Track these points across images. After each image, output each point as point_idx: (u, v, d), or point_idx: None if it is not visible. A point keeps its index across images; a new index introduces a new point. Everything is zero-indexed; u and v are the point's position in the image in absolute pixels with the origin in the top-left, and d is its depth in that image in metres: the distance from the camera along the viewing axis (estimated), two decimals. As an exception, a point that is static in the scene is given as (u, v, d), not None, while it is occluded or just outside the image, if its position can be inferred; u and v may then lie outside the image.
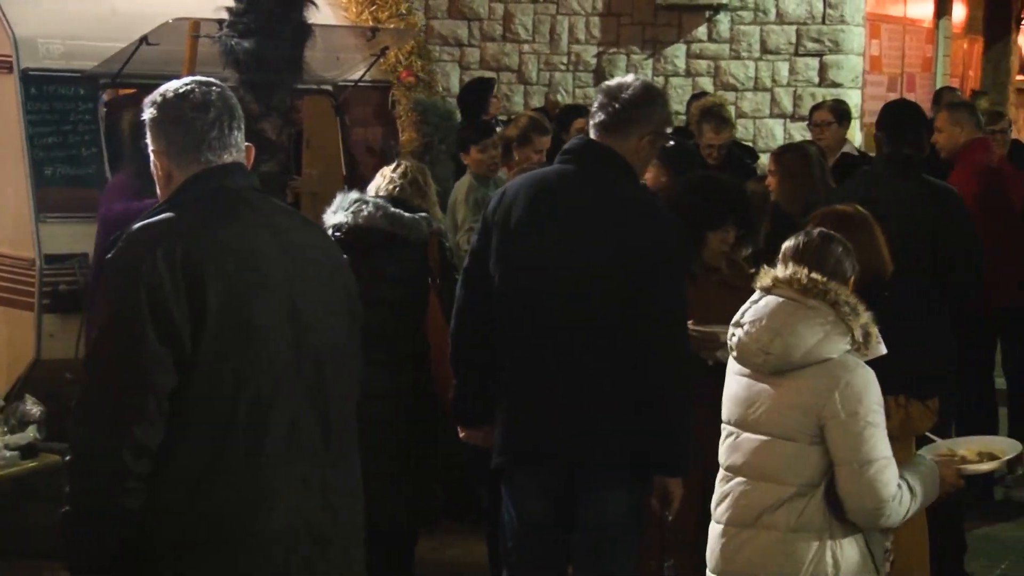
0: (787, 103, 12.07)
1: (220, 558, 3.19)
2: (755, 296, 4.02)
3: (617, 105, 4.40)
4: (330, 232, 5.35)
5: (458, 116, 9.44)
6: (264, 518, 3.20)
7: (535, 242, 4.37)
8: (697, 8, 12.33)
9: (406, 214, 5.55)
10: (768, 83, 12.22)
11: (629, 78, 4.51)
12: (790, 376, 3.88)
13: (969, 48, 15.88)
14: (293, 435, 3.26)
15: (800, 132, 11.71)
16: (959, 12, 15.08)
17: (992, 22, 16.49)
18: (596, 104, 4.46)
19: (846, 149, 8.94)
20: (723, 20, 12.32)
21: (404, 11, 9.46)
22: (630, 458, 4.34)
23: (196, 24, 7.04)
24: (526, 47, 12.95)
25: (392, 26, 9.00)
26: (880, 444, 3.87)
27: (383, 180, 5.73)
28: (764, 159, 9.64)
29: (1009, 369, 8.09)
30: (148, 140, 3.36)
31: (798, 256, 4.02)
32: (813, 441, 3.86)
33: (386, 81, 9.21)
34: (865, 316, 3.91)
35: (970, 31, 15.77)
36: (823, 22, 12.06)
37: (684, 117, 10.65)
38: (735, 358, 4.02)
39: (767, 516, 3.89)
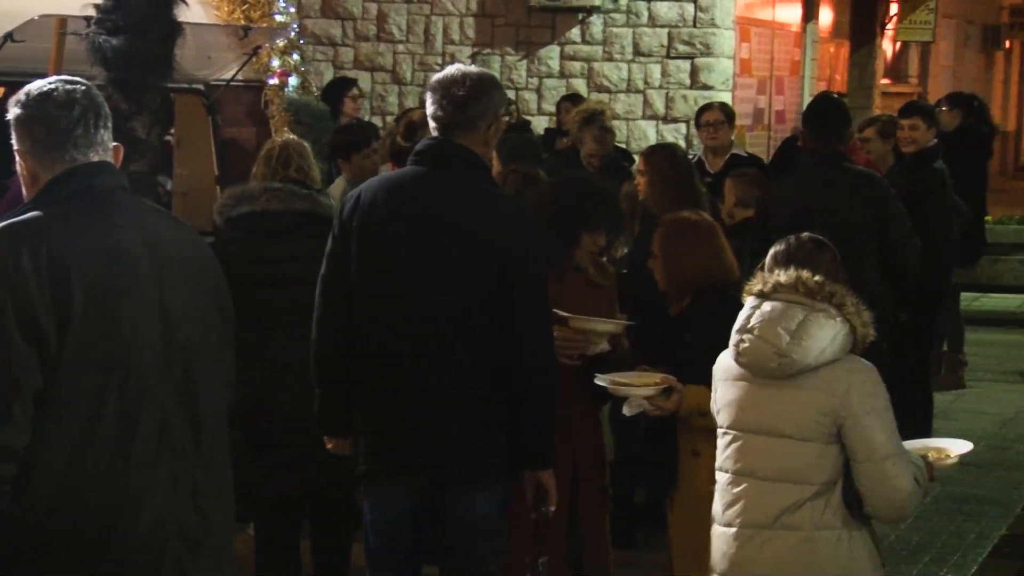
0: (659, 105, 12.19)
1: (80, 561, 3.15)
2: (754, 302, 4.07)
3: (458, 101, 4.34)
4: (232, 223, 5.35)
5: (331, 117, 9.39)
6: (130, 521, 3.17)
7: (393, 246, 4.32)
8: (570, 10, 12.40)
9: (318, 194, 5.54)
10: (641, 85, 12.33)
11: (457, 71, 4.37)
12: (801, 378, 3.95)
13: (836, 52, 16.17)
14: (163, 436, 3.23)
15: (672, 134, 11.85)
16: (826, 17, 15.34)
17: (857, 27, 16.81)
18: (433, 102, 4.37)
19: (735, 150, 9.05)
20: (596, 22, 12.40)
21: (277, 11, 9.39)
22: (496, 459, 4.34)
23: (63, 21, 6.91)
24: (400, 47, 12.92)
25: (264, 25, 8.93)
26: (895, 438, 3.96)
27: (277, 164, 5.54)
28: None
29: None
30: (13, 140, 3.30)
31: (795, 260, 4.09)
32: (830, 440, 3.94)
33: (258, 81, 9.14)
34: (867, 316, 3.99)
35: (837, 35, 16.06)
36: (694, 25, 12.19)
37: (557, 118, 10.71)
38: (742, 364, 4.05)
39: (787, 516, 3.95)
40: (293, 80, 9.76)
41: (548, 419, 4.35)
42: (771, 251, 4.24)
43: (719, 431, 4.19)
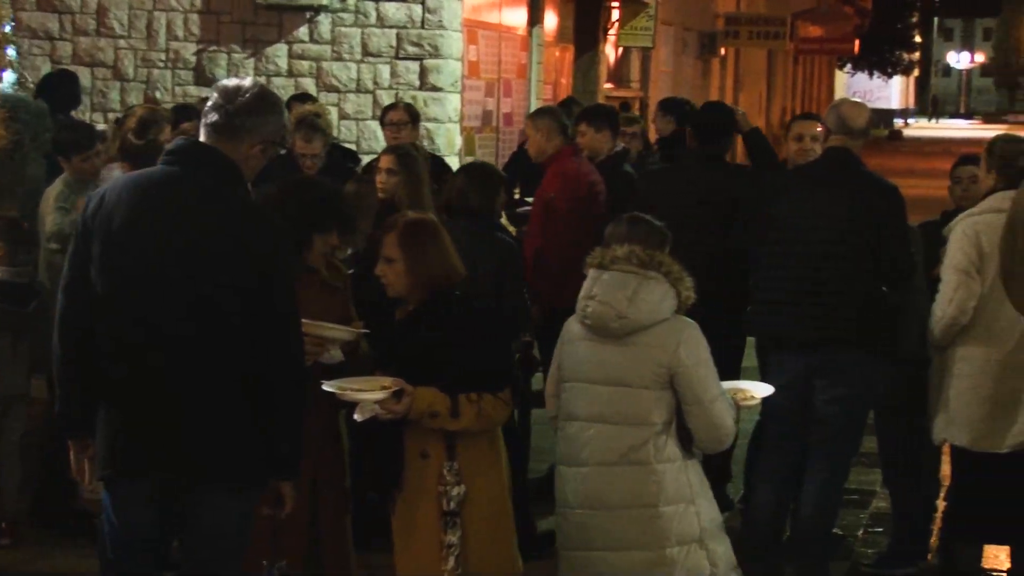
0: (389, 105, 12.17)
1: None
2: (595, 273, 4.76)
3: (231, 108, 4.29)
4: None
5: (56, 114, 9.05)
6: None
7: (138, 248, 4.23)
8: (298, 9, 12.30)
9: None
10: (370, 85, 12.31)
11: (248, 82, 4.38)
12: (638, 336, 4.67)
13: (561, 56, 16.47)
14: None
15: (402, 135, 11.84)
16: (551, 21, 15.61)
17: (581, 32, 17.17)
18: (211, 104, 4.35)
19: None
20: (324, 21, 12.34)
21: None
22: (241, 467, 4.27)
23: None
24: (122, 43, 12.59)
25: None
26: (718, 384, 4.74)
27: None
28: (367, 161, 9.70)
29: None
30: None
31: (628, 238, 4.83)
32: (665, 387, 4.68)
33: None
34: (688, 282, 4.72)
35: (562, 40, 16.36)
36: (423, 27, 12.24)
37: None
38: (588, 325, 4.73)
39: (633, 453, 4.65)
40: (9, 76, 9.38)
41: (298, 429, 4.32)
42: (608, 230, 5.00)
43: (566, 385, 4.80)
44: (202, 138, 4.35)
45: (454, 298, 4.86)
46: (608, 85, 18.37)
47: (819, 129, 6.97)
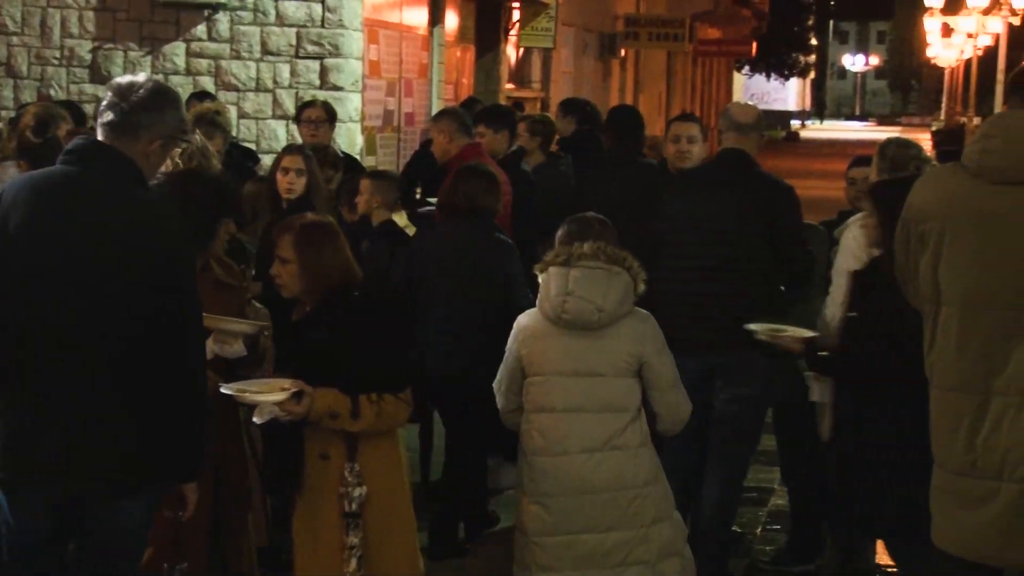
0: (289, 104, 12.11)
1: None
2: (561, 271, 4.95)
3: (126, 106, 4.23)
4: None
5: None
6: None
7: (36, 250, 4.15)
8: (195, 6, 12.18)
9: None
10: (270, 84, 12.22)
11: (141, 78, 4.32)
12: (609, 328, 4.95)
13: (462, 56, 16.47)
14: None
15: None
16: (452, 21, 15.60)
17: (482, 32, 17.18)
18: (105, 102, 4.29)
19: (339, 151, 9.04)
20: (223, 19, 12.23)
21: None
22: (140, 471, 4.22)
23: None
24: (15, 39, 12.40)
25: None
26: (675, 368, 5.07)
27: (170, 161, 5.78)
28: (267, 160, 9.63)
29: None
30: None
31: (587, 235, 5.10)
32: (634, 375, 4.99)
33: None
34: (642, 274, 5.01)
35: (463, 40, 16.36)
36: (323, 26, 12.18)
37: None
38: (566, 320, 4.94)
39: (616, 439, 4.93)
40: None
41: (199, 431, 4.28)
42: (563, 229, 5.27)
43: (537, 379, 4.98)
44: (100, 137, 4.29)
45: (352, 299, 4.85)
46: (509, 85, 18.40)
47: (696, 131, 7.07)
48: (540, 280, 5.06)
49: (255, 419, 4.71)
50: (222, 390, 4.69)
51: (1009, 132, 4.09)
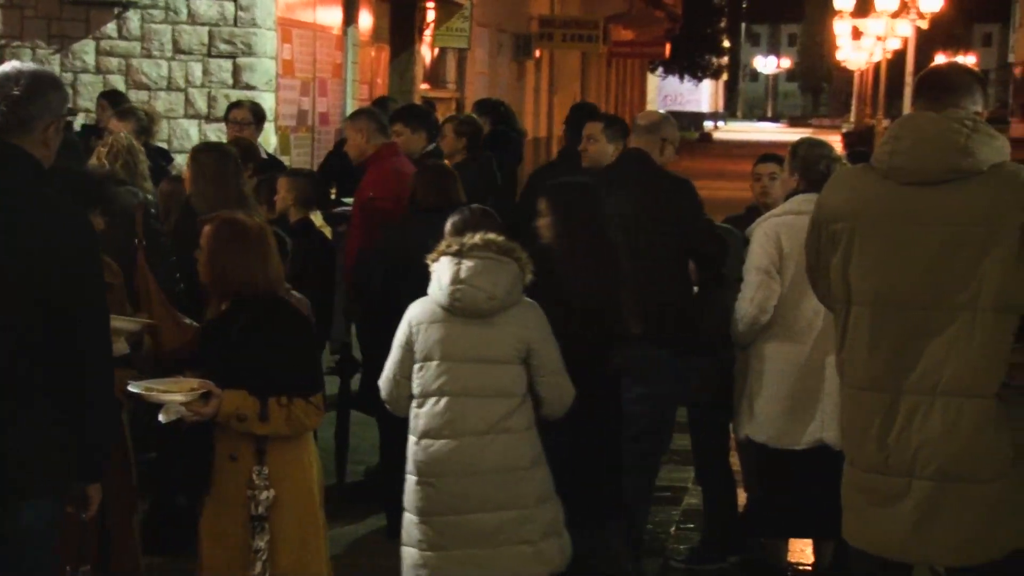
0: (202, 104, 12.02)
1: None
2: (453, 261, 5.09)
3: (13, 100, 4.13)
4: None
5: None
6: None
7: None
8: (105, 4, 12.04)
9: (117, 188, 6.11)
10: (182, 83, 12.12)
11: (12, 69, 4.18)
12: (499, 316, 5.10)
13: (377, 56, 16.41)
14: None
15: (215, 133, 11.68)
16: (366, 20, 15.55)
17: (397, 32, 17.14)
18: None
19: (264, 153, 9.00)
20: (133, 18, 12.11)
21: None
22: (47, 471, 4.15)
23: None
24: (-81, 36, 12.19)
25: None
26: (560, 356, 5.20)
27: (96, 160, 6.34)
28: (180, 159, 9.55)
29: None
30: None
31: (476, 227, 5.30)
32: (521, 362, 5.13)
33: None
34: (530, 266, 5.16)
35: (377, 40, 16.30)
36: (235, 24, 12.09)
37: (95, 115, 10.36)
38: (458, 307, 5.07)
39: (503, 422, 5.07)
40: None
41: (107, 431, 4.23)
42: (451, 221, 5.50)
43: (428, 364, 5.08)
44: None
45: (265, 302, 4.81)
46: (424, 86, 18.37)
47: (599, 129, 7.45)
48: (432, 269, 5.16)
49: (161, 418, 4.67)
50: (130, 388, 4.65)
51: (918, 133, 4.14)
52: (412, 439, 5.14)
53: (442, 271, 5.12)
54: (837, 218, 4.23)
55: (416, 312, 5.17)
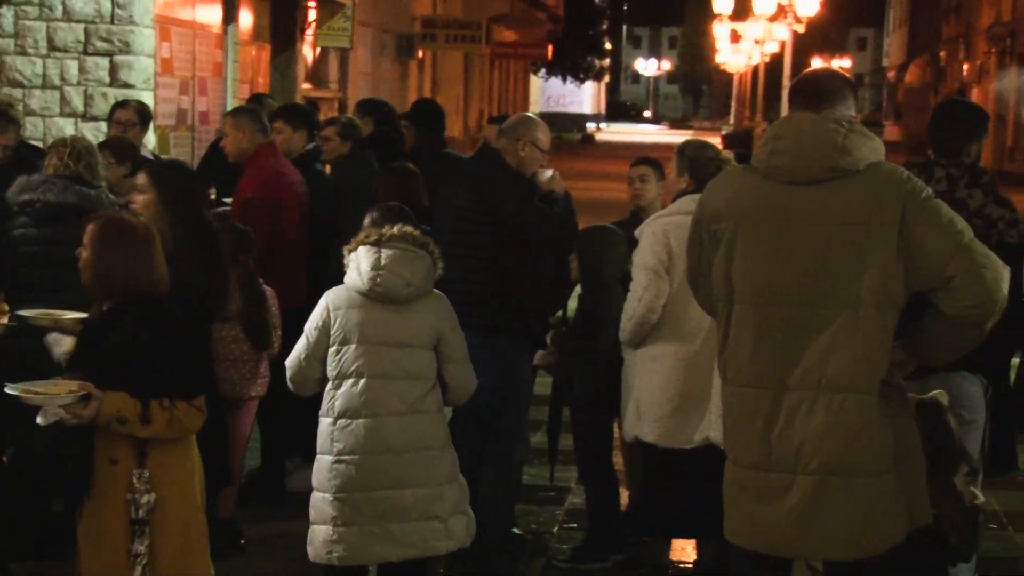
0: (78, 102, 11.82)
1: None
2: (371, 250, 5.35)
3: None
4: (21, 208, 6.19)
5: None
6: None
7: None
8: (-22, 0, 11.78)
9: (90, 191, 6.31)
10: (57, 81, 11.91)
11: None
12: (415, 304, 5.39)
13: (258, 55, 16.27)
14: None
15: (92, 132, 11.48)
16: (246, 19, 15.40)
17: (278, 31, 17.01)
18: None
19: (143, 152, 8.85)
20: (7, 14, 11.88)
21: None
22: None
23: None
24: None
25: None
26: (465, 345, 5.53)
27: (58, 160, 6.38)
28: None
29: None
30: None
31: (393, 220, 5.53)
32: (432, 348, 5.42)
33: None
34: (441, 261, 5.46)
35: (258, 38, 16.16)
36: (112, 22, 11.91)
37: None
38: (378, 293, 5.34)
39: (419, 403, 5.35)
40: None
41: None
42: (370, 216, 5.68)
43: (346, 347, 5.32)
44: None
45: (149, 303, 4.73)
46: (306, 85, 18.25)
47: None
48: (349, 259, 5.41)
49: (39, 420, 4.57)
50: (7, 390, 4.55)
51: (798, 133, 4.19)
52: (327, 420, 5.36)
53: (362, 259, 5.38)
54: (719, 218, 4.26)
55: (334, 297, 5.41)
